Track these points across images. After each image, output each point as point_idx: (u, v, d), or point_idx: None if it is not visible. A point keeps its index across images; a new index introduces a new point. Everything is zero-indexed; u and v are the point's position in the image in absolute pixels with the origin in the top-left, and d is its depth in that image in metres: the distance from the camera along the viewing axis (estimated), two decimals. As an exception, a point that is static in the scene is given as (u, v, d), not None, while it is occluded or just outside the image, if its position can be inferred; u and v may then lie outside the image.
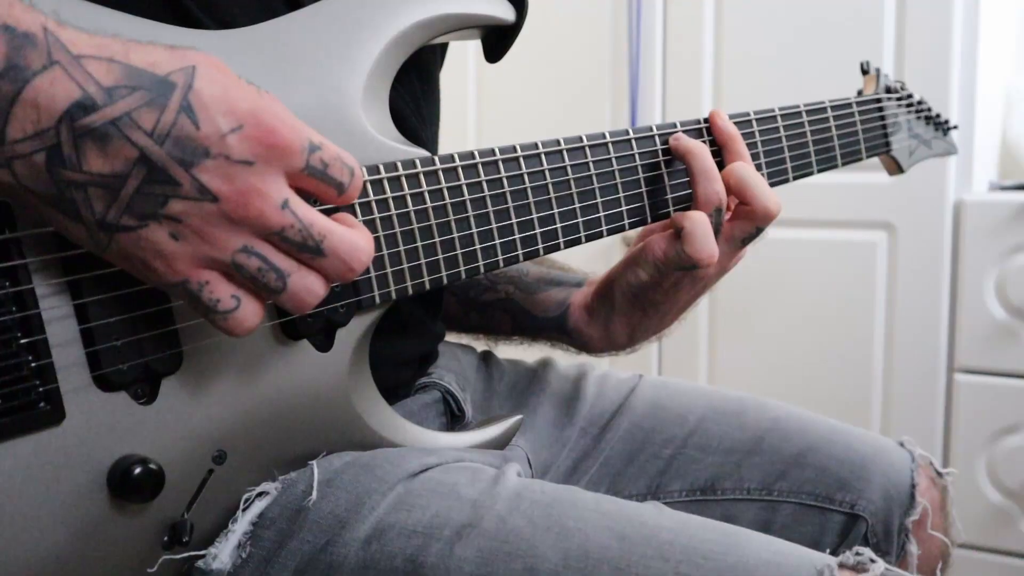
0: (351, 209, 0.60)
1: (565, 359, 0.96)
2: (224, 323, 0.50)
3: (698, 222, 0.72)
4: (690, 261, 0.72)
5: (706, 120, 0.78)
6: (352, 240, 0.51)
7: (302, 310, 0.51)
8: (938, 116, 1.04)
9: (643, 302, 0.80)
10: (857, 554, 0.56)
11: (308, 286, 0.51)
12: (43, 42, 0.44)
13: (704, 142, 0.76)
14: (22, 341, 0.49)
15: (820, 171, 0.86)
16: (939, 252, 1.66)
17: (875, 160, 0.99)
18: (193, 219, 0.47)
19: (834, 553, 0.58)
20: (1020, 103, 1.79)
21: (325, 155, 0.50)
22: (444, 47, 0.85)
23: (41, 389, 0.49)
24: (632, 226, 0.75)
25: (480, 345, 0.95)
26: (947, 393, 1.69)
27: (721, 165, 0.76)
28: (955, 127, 1.08)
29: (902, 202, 1.69)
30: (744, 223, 0.76)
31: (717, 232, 0.74)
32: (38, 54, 0.43)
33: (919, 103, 1.01)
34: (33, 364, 0.49)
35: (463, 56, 2.04)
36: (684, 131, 0.76)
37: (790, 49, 1.76)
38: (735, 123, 0.79)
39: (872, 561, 0.56)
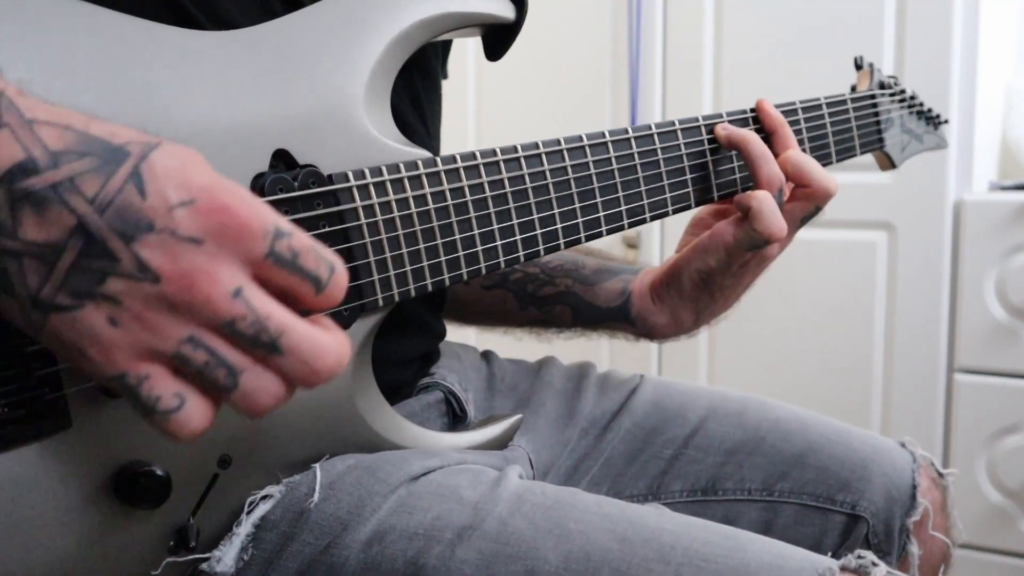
0: (354, 215, 0.60)
1: (565, 358, 0.96)
2: (165, 424, 0.43)
3: (765, 200, 0.75)
4: (762, 238, 0.75)
5: (752, 110, 0.81)
6: (316, 339, 0.44)
7: (255, 413, 0.45)
8: (930, 111, 1.05)
9: (711, 287, 0.82)
10: (859, 557, 0.57)
11: (263, 386, 0.44)
12: None
13: (751, 130, 0.79)
14: (29, 349, 0.49)
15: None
16: (939, 252, 1.66)
17: (867, 153, 0.99)
18: (133, 301, 0.42)
19: (835, 554, 0.59)
20: (1020, 103, 1.79)
21: (295, 243, 0.44)
22: (446, 45, 0.85)
23: (48, 397, 0.49)
24: (631, 225, 0.75)
25: (500, 342, 0.96)
26: (947, 393, 1.69)
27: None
28: (946, 121, 1.08)
29: (902, 202, 1.69)
30: (804, 203, 0.80)
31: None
32: None
33: (911, 98, 1.01)
34: (40, 372, 0.49)
35: (463, 56, 2.04)
36: (729, 120, 0.79)
37: (790, 49, 1.76)
38: (732, 120, 0.80)
39: (874, 564, 0.56)
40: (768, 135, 0.81)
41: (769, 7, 1.78)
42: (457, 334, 0.93)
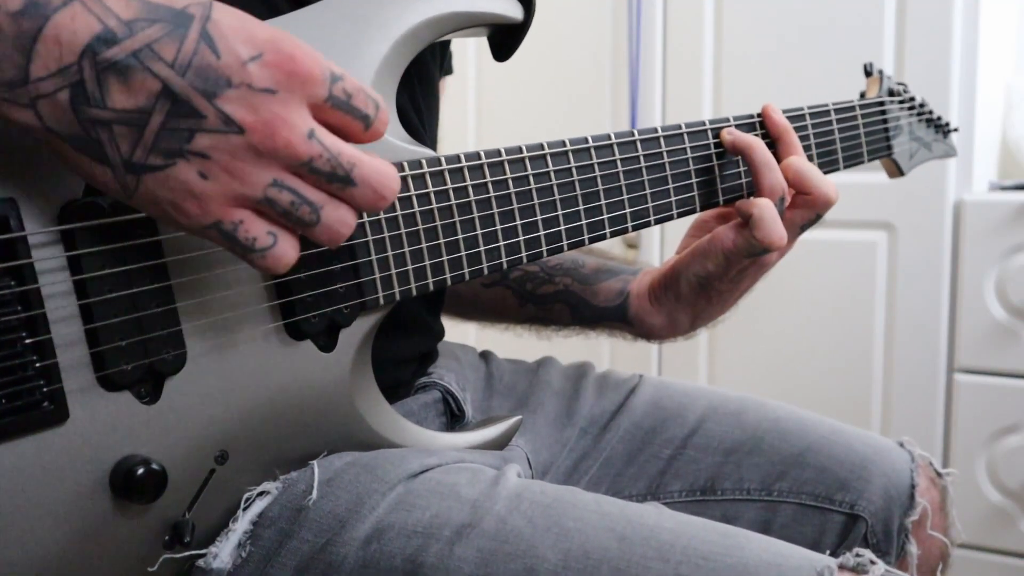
0: (358, 212, 0.60)
1: (565, 358, 0.96)
2: (263, 261, 0.49)
3: (766, 207, 0.75)
4: (762, 245, 0.75)
5: (759, 115, 0.81)
6: (382, 169, 0.50)
7: (335, 242, 0.50)
8: (939, 119, 1.04)
9: (709, 291, 0.82)
10: (857, 555, 0.56)
11: (341, 217, 0.50)
12: None
13: (757, 135, 0.80)
14: (27, 341, 0.49)
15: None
16: (939, 252, 1.66)
17: (875, 160, 0.99)
18: (221, 154, 0.45)
19: (834, 553, 0.59)
20: (1020, 103, 1.79)
21: (348, 86, 0.49)
22: (444, 47, 0.85)
23: (45, 389, 0.49)
24: (635, 228, 0.75)
25: (500, 342, 0.96)
26: (947, 393, 1.69)
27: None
28: (955, 129, 1.08)
29: (902, 202, 1.69)
30: (805, 211, 0.80)
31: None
32: None
33: (921, 105, 1.01)
34: (38, 364, 0.49)
35: (463, 56, 2.04)
36: (736, 124, 0.79)
37: (790, 49, 1.76)
38: (739, 124, 0.80)
39: (872, 563, 0.56)
40: (773, 141, 0.81)
41: (769, 7, 1.78)
42: (456, 334, 0.94)
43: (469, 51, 2.04)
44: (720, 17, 1.83)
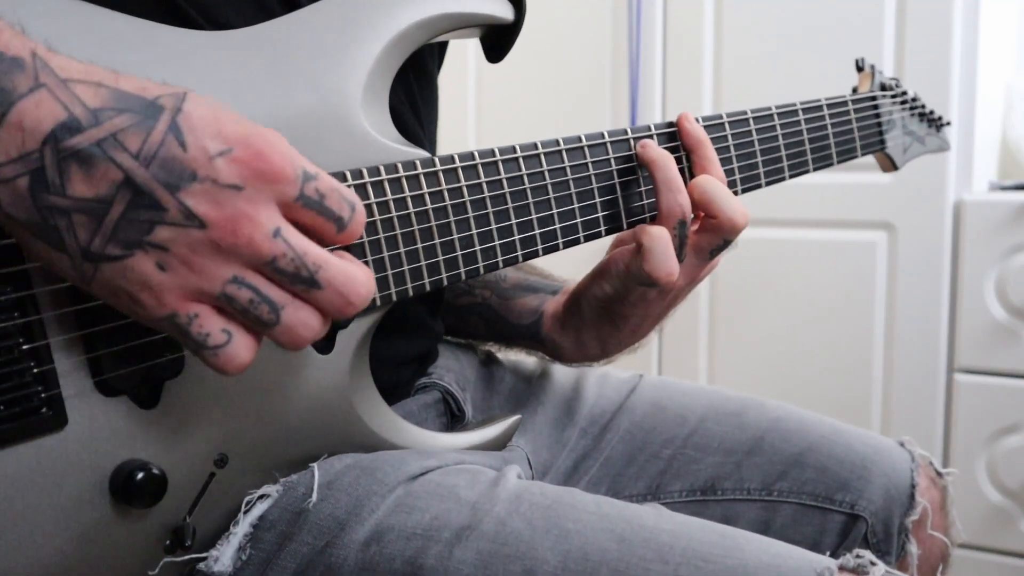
0: None
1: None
2: (215, 359, 0.47)
3: (657, 237, 0.70)
4: (648, 279, 0.70)
5: (674, 124, 0.75)
6: (350, 273, 0.48)
7: (297, 345, 0.49)
8: (931, 113, 1.05)
9: (612, 315, 0.78)
10: (857, 556, 0.57)
11: (303, 319, 0.48)
12: (31, 66, 0.43)
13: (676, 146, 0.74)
14: (24, 347, 0.49)
15: (816, 169, 0.87)
16: (939, 252, 1.66)
17: (875, 160, 0.99)
18: (180, 247, 0.44)
19: (834, 553, 0.59)
20: (1020, 103, 1.79)
21: (321, 185, 0.47)
22: (443, 46, 0.85)
23: (43, 395, 0.49)
24: (630, 226, 0.75)
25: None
26: (947, 393, 1.69)
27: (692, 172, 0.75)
28: (948, 123, 1.08)
29: (902, 202, 1.69)
30: (711, 235, 0.74)
31: (682, 244, 0.71)
32: (25, 77, 0.42)
33: (913, 100, 1.01)
34: (35, 370, 0.49)
35: (463, 56, 2.04)
36: (657, 133, 0.74)
37: (790, 49, 1.76)
38: (732, 120, 0.78)
39: (872, 564, 0.56)
40: (687, 154, 0.75)
41: (769, 7, 1.78)
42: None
43: (469, 51, 2.04)
44: (720, 17, 1.83)
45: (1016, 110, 1.80)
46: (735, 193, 0.78)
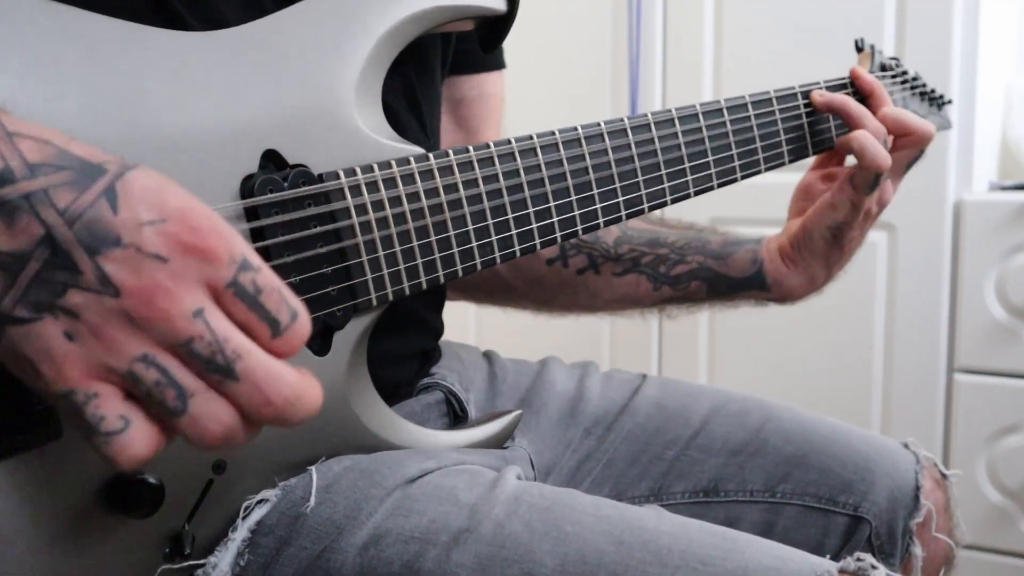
0: (346, 214, 0.59)
1: (568, 357, 0.96)
2: (105, 446, 0.42)
3: (862, 136, 0.83)
4: (875, 170, 0.82)
5: (848, 78, 0.91)
6: (274, 368, 0.44)
7: (203, 441, 0.43)
8: (933, 91, 1.04)
9: (842, 240, 0.89)
10: (858, 560, 0.56)
11: (213, 412, 0.43)
12: None
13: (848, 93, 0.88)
14: None
15: (815, 152, 0.89)
16: (939, 252, 1.66)
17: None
18: (91, 315, 0.41)
19: (838, 555, 0.58)
20: (1020, 103, 1.79)
21: (260, 279, 0.43)
22: (447, 42, 0.84)
23: (39, 406, 0.49)
24: (629, 216, 0.74)
25: (501, 342, 0.96)
26: (947, 393, 1.68)
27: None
28: (949, 101, 1.08)
29: (902, 202, 1.67)
30: (910, 150, 0.89)
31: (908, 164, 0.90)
32: None
33: (914, 79, 1.01)
34: None
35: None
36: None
37: (790, 49, 1.76)
38: (730, 106, 0.82)
39: (873, 567, 0.56)
40: (865, 98, 0.89)
41: (769, 7, 1.78)
42: (457, 334, 0.93)
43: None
44: (720, 17, 1.83)
45: (1016, 110, 1.79)
46: (735, 180, 0.82)
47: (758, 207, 1.55)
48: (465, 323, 2.06)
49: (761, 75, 1.77)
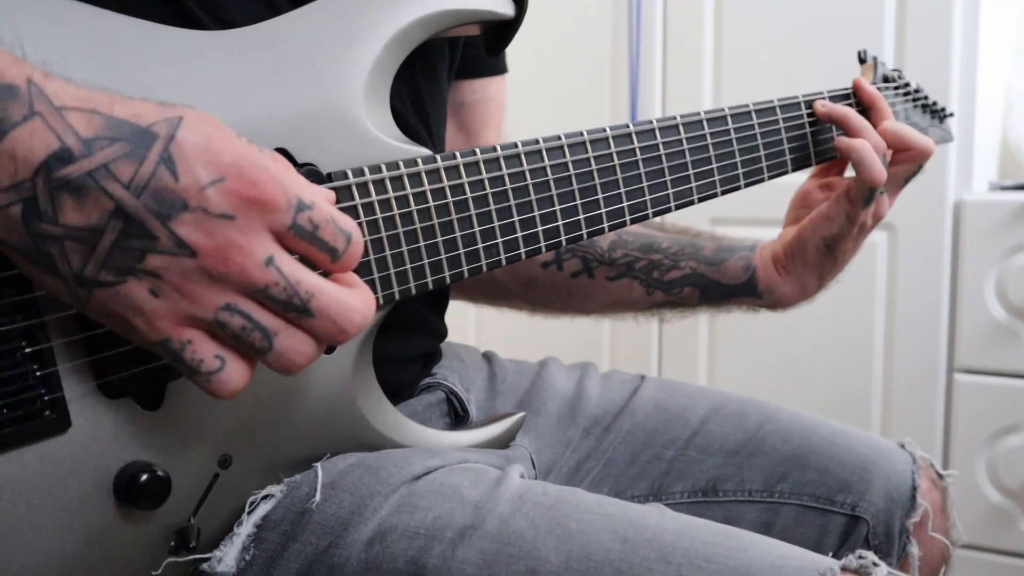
0: (354, 213, 0.60)
1: (566, 359, 0.96)
2: (208, 385, 0.47)
3: (860, 146, 0.83)
4: (871, 184, 0.83)
5: (851, 89, 0.91)
6: (344, 300, 0.48)
7: (290, 371, 0.49)
8: (934, 104, 1.05)
9: (835, 251, 0.89)
10: (860, 557, 0.57)
11: (296, 346, 0.48)
12: (26, 94, 0.43)
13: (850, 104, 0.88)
14: (27, 350, 0.49)
15: (818, 162, 0.89)
16: (939, 252, 1.66)
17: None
18: (172, 275, 0.45)
19: (835, 555, 0.59)
20: (1020, 103, 1.79)
21: (316, 215, 0.47)
22: (454, 46, 0.84)
23: (47, 397, 0.49)
24: (633, 221, 0.75)
25: (501, 343, 0.96)
26: (947, 393, 1.69)
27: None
28: (951, 114, 1.08)
29: (902, 202, 1.67)
30: (908, 165, 0.89)
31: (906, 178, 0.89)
32: (19, 105, 0.43)
33: (916, 91, 1.01)
34: (38, 373, 0.49)
35: (463, 56, 2.04)
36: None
37: (790, 49, 1.76)
38: (734, 114, 0.82)
39: (875, 564, 0.56)
40: (866, 109, 0.89)
41: (769, 7, 1.78)
42: (458, 334, 0.94)
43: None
44: (720, 17, 1.83)
45: (1016, 110, 1.80)
46: (738, 188, 0.82)
47: (758, 207, 1.56)
48: (465, 324, 2.07)
49: (761, 75, 1.78)
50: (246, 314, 0.46)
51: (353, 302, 0.49)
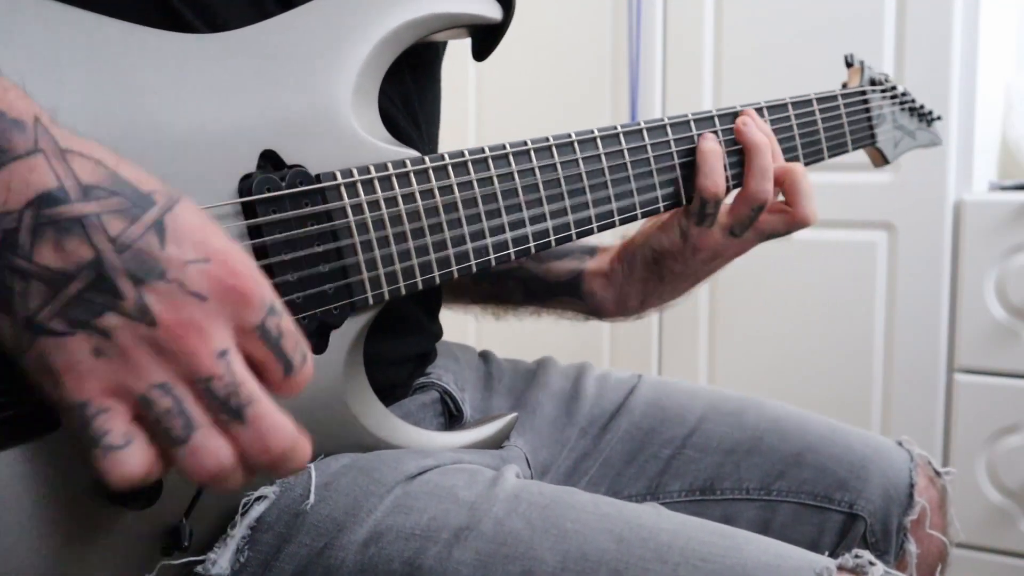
0: (342, 214, 0.60)
1: (564, 359, 0.96)
2: (102, 460, 0.43)
3: (711, 152, 0.76)
4: (700, 190, 0.77)
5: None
6: (279, 420, 0.46)
7: (197, 474, 0.45)
8: (922, 107, 1.05)
9: (661, 268, 0.85)
10: (856, 556, 0.56)
11: (213, 448, 0.44)
12: (31, 130, 0.43)
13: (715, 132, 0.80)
14: None
15: (807, 163, 0.88)
16: (939, 252, 1.66)
17: (860, 149, 0.99)
18: (123, 337, 0.43)
19: (833, 553, 0.59)
20: (1020, 103, 1.79)
21: (284, 324, 0.47)
22: (444, 45, 0.85)
23: (36, 397, 0.49)
24: (623, 222, 0.75)
25: (501, 342, 0.96)
26: (947, 393, 1.68)
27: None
28: (939, 118, 1.08)
29: (902, 202, 1.69)
30: (780, 223, 0.82)
31: (750, 224, 0.80)
32: (24, 140, 0.42)
33: (903, 95, 1.01)
34: None
35: (463, 56, 2.04)
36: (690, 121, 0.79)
37: (790, 50, 1.76)
38: (721, 115, 0.80)
39: (871, 563, 0.56)
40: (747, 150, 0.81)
41: (769, 7, 1.78)
42: (456, 334, 0.93)
43: (469, 51, 2.03)
44: (720, 17, 1.83)
45: (1016, 110, 1.79)
46: (727, 190, 0.81)
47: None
48: (465, 324, 2.06)
49: (761, 75, 1.78)
50: (177, 398, 0.44)
51: (287, 427, 0.46)
